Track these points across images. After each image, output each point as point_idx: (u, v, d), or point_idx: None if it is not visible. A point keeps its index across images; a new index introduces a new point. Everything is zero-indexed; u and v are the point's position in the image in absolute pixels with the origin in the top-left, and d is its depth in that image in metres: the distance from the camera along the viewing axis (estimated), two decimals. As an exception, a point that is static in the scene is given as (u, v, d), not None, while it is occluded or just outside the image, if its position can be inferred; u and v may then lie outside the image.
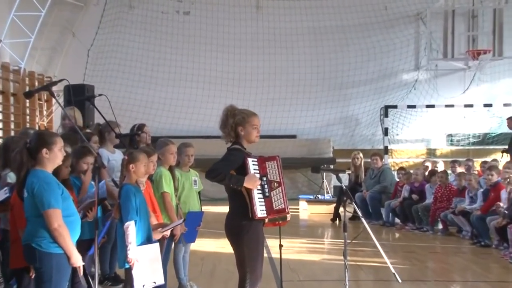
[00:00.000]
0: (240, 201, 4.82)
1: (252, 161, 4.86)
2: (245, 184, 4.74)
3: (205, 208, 7.22)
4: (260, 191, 4.81)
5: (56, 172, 4.60)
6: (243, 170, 4.80)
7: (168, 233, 5.85)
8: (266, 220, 4.84)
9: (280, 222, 4.94)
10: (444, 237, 10.99)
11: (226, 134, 4.97)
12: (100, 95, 6.38)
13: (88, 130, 8.16)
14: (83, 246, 5.16)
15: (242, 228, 4.81)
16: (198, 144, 8.04)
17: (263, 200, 4.81)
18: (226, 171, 4.75)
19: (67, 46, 18.30)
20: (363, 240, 8.71)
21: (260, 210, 4.78)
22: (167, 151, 6.42)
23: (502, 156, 14.33)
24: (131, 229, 4.94)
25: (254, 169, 4.83)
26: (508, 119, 14.51)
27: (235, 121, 4.92)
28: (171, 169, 6.47)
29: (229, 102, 5.24)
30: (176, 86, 18.29)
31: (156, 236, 5.33)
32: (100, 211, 5.50)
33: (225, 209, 5.07)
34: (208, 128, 16.81)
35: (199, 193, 6.81)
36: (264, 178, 4.84)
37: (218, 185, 4.88)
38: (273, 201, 4.84)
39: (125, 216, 4.98)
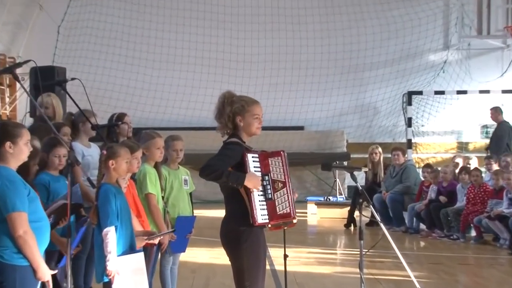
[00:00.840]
0: (238, 204, 4.82)
1: (253, 157, 4.86)
2: (246, 183, 4.73)
3: (197, 212, 7.24)
4: (261, 193, 4.82)
5: (22, 169, 4.60)
6: (242, 168, 4.79)
7: (156, 240, 5.86)
8: (269, 225, 4.84)
9: (285, 227, 4.95)
10: (477, 246, 11.01)
11: (223, 125, 4.96)
12: (73, 79, 6.38)
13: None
14: (52, 257, 5.16)
15: (240, 235, 4.82)
16: (188, 137, 8.07)
17: (264, 203, 4.81)
18: (224, 167, 4.75)
19: (33, 21, 18.27)
20: (382, 250, 8.73)
21: (261, 215, 4.78)
22: (153, 145, 6.42)
23: (488, 153, 14.37)
24: (111, 236, 4.94)
25: (254, 167, 4.83)
26: (491, 109, 14.55)
27: (233, 109, 4.91)
28: (157, 167, 6.46)
29: (226, 88, 5.24)
30: (163, 69, 18.27)
31: (139, 243, 5.34)
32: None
33: (220, 213, 5.07)
34: (201, 118, 16.86)
35: (190, 194, 6.81)
36: (267, 177, 4.84)
37: (212, 185, 4.89)
38: (276, 204, 4.84)
39: (104, 221, 4.98)
